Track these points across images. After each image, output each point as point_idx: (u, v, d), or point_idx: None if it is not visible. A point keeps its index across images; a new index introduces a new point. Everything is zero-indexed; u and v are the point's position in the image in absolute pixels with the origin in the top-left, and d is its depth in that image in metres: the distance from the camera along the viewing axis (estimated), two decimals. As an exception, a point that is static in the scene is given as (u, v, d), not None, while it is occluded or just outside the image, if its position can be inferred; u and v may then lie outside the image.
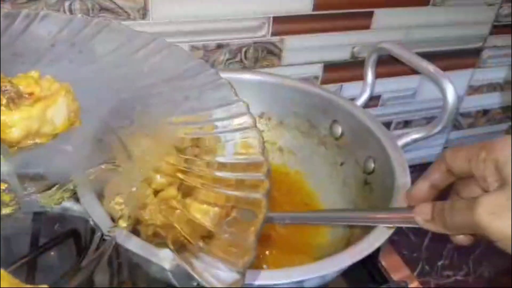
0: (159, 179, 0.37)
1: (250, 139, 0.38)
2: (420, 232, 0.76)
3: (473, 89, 0.85)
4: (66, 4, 0.52)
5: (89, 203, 0.35)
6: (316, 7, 0.63)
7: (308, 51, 0.67)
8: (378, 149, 0.52)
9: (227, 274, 0.29)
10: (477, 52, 0.80)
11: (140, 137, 0.38)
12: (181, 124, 0.40)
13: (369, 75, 0.63)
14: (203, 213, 0.34)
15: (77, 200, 0.36)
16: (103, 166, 0.36)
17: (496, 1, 0.74)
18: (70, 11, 0.52)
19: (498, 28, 0.77)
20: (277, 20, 0.62)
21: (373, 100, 0.76)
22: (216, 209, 0.34)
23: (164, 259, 0.31)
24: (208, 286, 0.28)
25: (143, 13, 0.55)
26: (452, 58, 0.78)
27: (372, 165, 0.54)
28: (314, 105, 0.59)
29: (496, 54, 0.81)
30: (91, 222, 0.34)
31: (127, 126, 0.39)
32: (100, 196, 0.36)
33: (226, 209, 0.34)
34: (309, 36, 0.65)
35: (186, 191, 0.37)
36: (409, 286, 0.55)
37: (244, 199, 0.34)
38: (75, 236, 0.40)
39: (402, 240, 0.74)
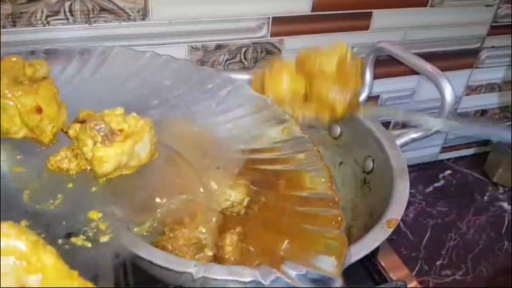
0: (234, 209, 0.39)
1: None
2: (418, 231, 0.77)
3: (471, 89, 0.85)
4: (67, 5, 0.52)
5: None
6: (315, 8, 0.63)
7: (307, 52, 0.67)
8: (377, 148, 0.53)
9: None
10: (475, 52, 0.80)
11: (212, 168, 0.40)
12: (250, 154, 0.42)
13: (368, 75, 0.63)
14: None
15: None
16: (184, 196, 0.38)
17: (494, 2, 0.74)
18: (71, 11, 0.53)
19: (496, 29, 0.78)
20: (276, 21, 0.62)
21: (372, 100, 0.76)
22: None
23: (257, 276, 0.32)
24: None
25: (143, 14, 0.55)
26: (450, 59, 0.78)
27: (371, 165, 0.54)
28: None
29: (494, 55, 0.82)
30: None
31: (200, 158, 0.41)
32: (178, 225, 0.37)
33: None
34: (308, 36, 0.66)
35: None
36: (408, 286, 0.55)
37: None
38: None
39: (401, 239, 0.74)
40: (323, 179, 0.38)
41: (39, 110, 0.36)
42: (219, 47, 0.62)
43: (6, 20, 0.51)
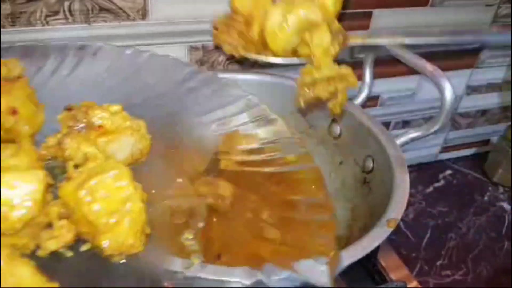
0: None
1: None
2: (419, 232, 0.77)
3: (472, 89, 0.85)
4: (66, 4, 0.52)
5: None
6: (315, 7, 0.63)
7: (307, 52, 0.67)
8: (377, 148, 0.53)
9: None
10: (475, 52, 0.80)
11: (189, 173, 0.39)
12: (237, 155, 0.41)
13: (367, 74, 0.63)
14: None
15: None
16: (180, 180, 0.37)
17: (494, 2, 0.74)
18: (70, 11, 0.53)
19: (496, 29, 0.78)
20: (276, 20, 0.62)
21: (372, 100, 0.76)
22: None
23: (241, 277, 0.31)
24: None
25: (143, 13, 0.55)
26: (451, 59, 0.78)
27: (371, 164, 0.54)
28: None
29: (495, 55, 0.82)
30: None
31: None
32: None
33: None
34: (308, 36, 0.66)
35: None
36: (408, 286, 0.55)
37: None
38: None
39: (401, 239, 0.74)
40: (312, 183, 0.37)
41: (13, 111, 0.35)
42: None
43: (5, 20, 0.51)
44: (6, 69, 0.37)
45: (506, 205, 0.84)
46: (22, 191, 0.29)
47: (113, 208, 0.30)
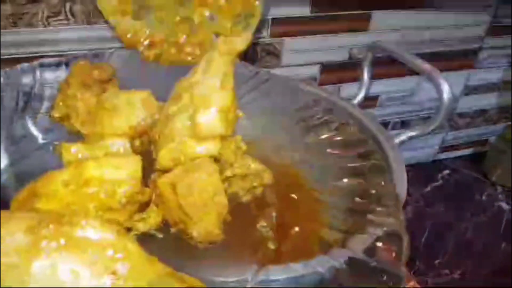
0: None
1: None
2: (417, 231, 0.77)
3: (470, 90, 0.85)
4: (67, 6, 0.52)
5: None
6: (314, 9, 0.63)
7: (307, 53, 0.67)
8: (376, 148, 0.53)
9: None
10: (474, 53, 0.80)
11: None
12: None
13: (365, 74, 0.63)
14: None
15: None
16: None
17: (493, 2, 0.74)
18: (71, 12, 0.53)
19: (496, 29, 0.78)
20: (276, 21, 0.62)
21: (371, 101, 0.76)
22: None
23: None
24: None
25: (143, 14, 0.56)
26: (449, 59, 0.78)
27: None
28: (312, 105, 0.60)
29: (493, 55, 0.82)
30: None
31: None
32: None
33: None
34: (308, 37, 0.66)
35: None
36: (406, 285, 0.55)
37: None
38: None
39: (399, 239, 0.75)
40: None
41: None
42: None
43: (6, 21, 0.51)
44: (99, 71, 0.43)
45: (504, 205, 0.84)
46: (126, 170, 0.34)
47: (204, 202, 0.34)
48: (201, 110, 0.37)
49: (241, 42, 0.41)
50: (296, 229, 0.39)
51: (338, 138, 0.45)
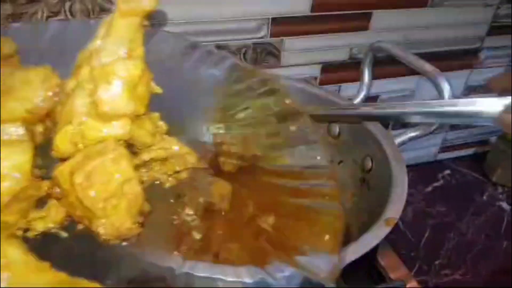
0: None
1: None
2: (418, 231, 0.77)
3: (471, 90, 0.85)
4: (67, 5, 0.52)
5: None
6: (314, 8, 0.63)
7: (307, 52, 0.67)
8: (376, 147, 0.53)
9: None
10: (475, 52, 0.80)
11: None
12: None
13: (366, 74, 0.63)
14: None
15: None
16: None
17: (494, 2, 0.74)
18: (71, 12, 0.53)
19: (496, 29, 0.78)
20: (276, 21, 0.62)
21: (372, 101, 0.76)
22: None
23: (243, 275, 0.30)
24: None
25: (143, 14, 0.56)
26: (450, 59, 0.78)
27: (370, 164, 0.54)
28: (312, 105, 0.60)
29: (494, 55, 0.82)
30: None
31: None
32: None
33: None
34: (308, 37, 0.66)
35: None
36: (407, 285, 0.55)
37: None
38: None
39: (400, 239, 0.75)
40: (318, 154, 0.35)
41: None
42: (219, 47, 0.62)
43: (6, 21, 0.51)
44: None
45: (505, 205, 0.84)
46: (9, 162, 0.27)
47: (110, 193, 0.29)
48: (102, 84, 0.31)
49: (147, 0, 0.33)
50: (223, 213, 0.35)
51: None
